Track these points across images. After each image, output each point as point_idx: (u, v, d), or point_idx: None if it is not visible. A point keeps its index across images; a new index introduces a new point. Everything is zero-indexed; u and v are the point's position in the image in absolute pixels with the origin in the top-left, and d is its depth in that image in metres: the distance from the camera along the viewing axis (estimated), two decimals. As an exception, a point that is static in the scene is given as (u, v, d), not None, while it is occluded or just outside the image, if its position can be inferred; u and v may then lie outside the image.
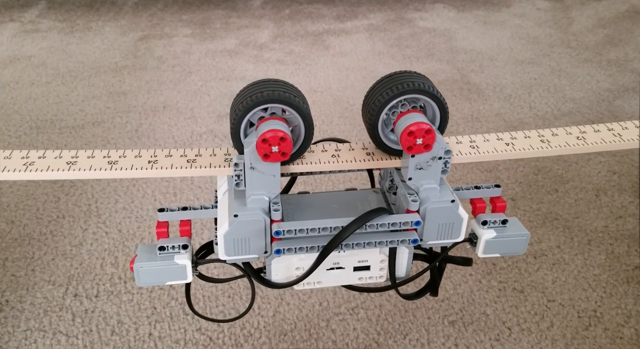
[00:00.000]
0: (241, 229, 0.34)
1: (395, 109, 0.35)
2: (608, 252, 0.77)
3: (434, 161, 0.35)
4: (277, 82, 0.35)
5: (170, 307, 0.69)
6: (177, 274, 0.36)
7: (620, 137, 0.42)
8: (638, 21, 1.57)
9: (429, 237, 0.36)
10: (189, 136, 1.06)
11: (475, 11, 1.68)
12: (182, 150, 0.39)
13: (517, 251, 0.38)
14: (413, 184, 0.35)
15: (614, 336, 0.65)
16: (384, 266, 0.37)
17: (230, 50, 1.44)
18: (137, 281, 0.35)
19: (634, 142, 0.41)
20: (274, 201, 0.34)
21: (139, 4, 1.76)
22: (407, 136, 0.33)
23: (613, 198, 0.88)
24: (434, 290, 0.41)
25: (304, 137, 0.35)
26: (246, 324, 0.67)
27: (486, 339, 0.65)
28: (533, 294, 0.71)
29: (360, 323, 0.68)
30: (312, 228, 0.33)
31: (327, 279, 0.37)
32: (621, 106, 1.15)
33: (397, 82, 0.34)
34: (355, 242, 0.34)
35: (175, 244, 0.36)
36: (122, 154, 0.39)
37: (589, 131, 0.42)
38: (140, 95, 1.22)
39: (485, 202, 0.39)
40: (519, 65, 1.33)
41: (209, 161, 0.37)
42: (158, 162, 0.38)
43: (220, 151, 0.38)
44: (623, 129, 0.42)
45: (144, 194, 0.89)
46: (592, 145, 0.40)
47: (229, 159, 0.37)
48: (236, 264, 0.37)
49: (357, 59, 1.39)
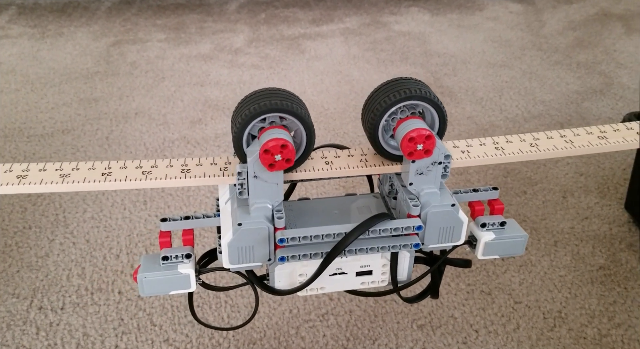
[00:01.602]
0: (245, 237, 0.34)
1: (395, 115, 0.36)
2: (574, 253, 0.78)
3: (434, 165, 0.35)
4: (276, 91, 0.36)
5: (138, 318, 0.68)
6: (180, 283, 0.36)
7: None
8: (607, 24, 1.60)
9: (430, 241, 0.36)
10: (161, 142, 1.05)
11: (449, 15, 1.69)
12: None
13: (516, 252, 0.39)
14: (414, 189, 0.36)
15: (578, 336, 0.66)
16: (386, 270, 0.37)
17: (205, 55, 1.43)
18: (141, 292, 0.36)
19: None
20: (277, 208, 0.35)
21: (113, 9, 1.74)
22: (407, 142, 0.34)
23: (579, 199, 0.89)
24: (434, 292, 0.41)
25: (306, 143, 0.35)
26: (215, 334, 0.67)
27: (454, 342, 0.66)
28: (500, 297, 0.72)
29: (330, 329, 0.68)
30: (316, 235, 0.34)
31: (330, 285, 0.38)
32: (589, 108, 1.17)
33: (396, 89, 0.35)
34: (358, 248, 0.35)
35: (178, 254, 0.36)
36: (75, 166, 0.39)
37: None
38: (111, 101, 1.20)
39: (484, 205, 0.40)
40: (491, 68, 1.35)
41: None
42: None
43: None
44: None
45: (113, 203, 0.88)
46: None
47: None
48: (240, 272, 0.37)
49: (332, 63, 1.40)
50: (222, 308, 0.70)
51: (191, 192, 0.91)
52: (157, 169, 0.38)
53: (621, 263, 0.77)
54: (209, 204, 0.89)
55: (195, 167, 0.39)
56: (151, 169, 0.38)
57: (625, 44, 1.47)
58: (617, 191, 0.91)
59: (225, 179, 0.38)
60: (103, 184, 0.37)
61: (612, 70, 1.33)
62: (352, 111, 1.17)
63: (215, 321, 0.68)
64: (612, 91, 1.24)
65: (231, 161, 0.39)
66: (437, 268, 0.40)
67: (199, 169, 0.38)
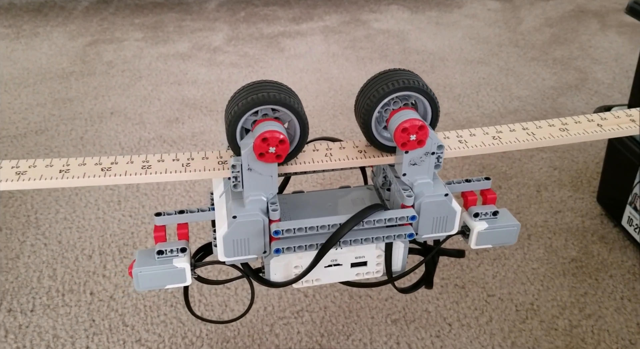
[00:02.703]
0: (240, 230, 0.34)
1: (388, 106, 0.36)
2: (547, 246, 0.79)
3: (427, 156, 0.36)
4: (270, 84, 0.35)
5: (110, 319, 0.68)
6: (176, 277, 0.36)
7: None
8: (583, 20, 1.62)
9: (424, 231, 0.37)
10: (137, 142, 1.04)
11: (429, 12, 1.70)
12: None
13: (509, 241, 0.40)
14: (407, 179, 0.36)
15: (549, 328, 0.67)
16: (381, 261, 0.37)
17: (183, 53, 1.42)
18: (136, 286, 0.35)
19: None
20: (271, 201, 0.35)
21: (90, 9, 1.72)
22: (400, 132, 0.34)
23: (553, 193, 0.90)
24: (429, 283, 0.42)
25: (300, 136, 0.35)
26: (188, 333, 0.66)
27: (427, 336, 0.66)
28: (474, 290, 0.72)
29: (304, 326, 0.68)
30: (311, 227, 0.34)
31: (325, 277, 0.38)
32: (564, 103, 1.19)
33: (388, 80, 0.35)
34: (353, 239, 0.35)
35: (173, 248, 0.36)
36: (33, 164, 0.38)
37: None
38: (87, 101, 1.19)
39: (476, 195, 0.40)
40: (469, 65, 1.36)
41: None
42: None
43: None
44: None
45: (87, 204, 0.87)
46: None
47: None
48: (235, 265, 0.37)
49: (312, 61, 1.40)
50: (214, 302, 0.70)
51: (166, 191, 0.91)
52: (117, 165, 0.38)
53: (593, 255, 0.78)
54: (185, 203, 0.88)
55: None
56: (111, 166, 0.38)
57: (600, 40, 1.49)
58: (590, 184, 0.92)
59: (218, 173, 0.37)
60: (61, 181, 0.37)
61: (587, 65, 1.35)
62: (331, 108, 1.17)
63: (207, 316, 0.68)
64: (587, 86, 1.26)
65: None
66: (431, 258, 0.40)
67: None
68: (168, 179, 0.39)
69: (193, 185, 0.92)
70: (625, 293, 0.72)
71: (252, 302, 0.40)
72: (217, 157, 0.39)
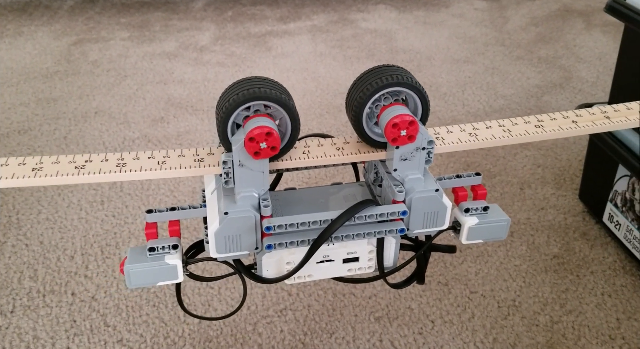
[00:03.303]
0: (232, 226, 0.34)
1: (379, 102, 0.36)
2: (529, 243, 0.80)
3: (418, 151, 0.36)
4: (259, 80, 0.35)
5: (91, 319, 0.67)
6: (168, 274, 0.35)
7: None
8: (568, 19, 1.64)
9: (415, 226, 0.37)
10: (121, 141, 1.04)
11: (416, 12, 1.71)
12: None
13: (499, 236, 0.40)
14: (398, 175, 0.36)
15: (530, 324, 0.67)
16: (372, 256, 0.38)
17: (169, 53, 1.42)
18: (128, 283, 0.35)
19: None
20: (263, 197, 0.35)
21: (75, 8, 1.71)
22: (391, 128, 0.34)
23: (536, 191, 0.91)
24: (420, 278, 0.42)
25: (291, 132, 0.35)
26: (170, 333, 0.66)
27: (410, 333, 0.66)
28: (457, 287, 0.72)
29: (287, 324, 0.68)
30: (303, 222, 0.34)
31: (318, 272, 0.38)
32: (549, 102, 1.19)
33: (379, 76, 0.35)
34: (345, 234, 0.35)
35: (165, 245, 0.36)
36: (6, 162, 0.38)
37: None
38: (71, 101, 1.18)
39: (467, 190, 0.40)
40: (455, 64, 1.36)
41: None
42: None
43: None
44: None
45: (69, 204, 0.86)
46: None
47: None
48: (227, 262, 0.37)
49: (299, 60, 1.40)
50: (197, 301, 0.69)
51: (150, 191, 0.90)
52: (88, 162, 0.38)
53: (574, 251, 0.78)
54: (169, 202, 0.88)
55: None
56: (85, 164, 0.38)
57: (585, 39, 1.50)
58: (573, 181, 0.93)
59: (203, 170, 0.37)
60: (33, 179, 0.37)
61: (572, 64, 1.36)
62: (318, 107, 1.17)
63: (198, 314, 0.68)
64: (572, 84, 1.27)
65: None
66: (422, 254, 0.40)
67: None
68: (142, 177, 0.38)
69: (177, 184, 0.92)
70: (605, 288, 0.72)
71: (245, 298, 0.40)
72: (193, 155, 0.39)
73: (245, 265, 0.38)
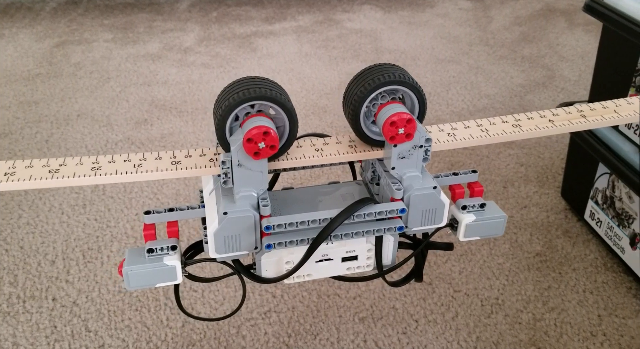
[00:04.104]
0: (231, 226, 0.34)
1: (376, 101, 0.36)
2: (512, 241, 0.80)
3: (416, 149, 0.36)
4: (257, 80, 0.35)
5: (72, 325, 0.66)
6: (166, 275, 0.35)
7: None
8: (551, 19, 1.65)
9: (414, 224, 0.37)
10: (104, 144, 1.03)
11: (401, 12, 1.71)
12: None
13: (496, 232, 0.40)
14: (396, 173, 0.37)
15: (513, 322, 0.68)
16: (371, 255, 0.38)
17: (153, 54, 1.40)
18: (127, 285, 0.35)
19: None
20: (262, 196, 0.35)
21: (58, 10, 1.69)
22: (389, 126, 0.34)
23: (519, 189, 0.92)
24: (418, 276, 0.42)
25: (289, 131, 0.35)
26: (153, 337, 0.65)
27: (394, 333, 0.67)
28: (441, 286, 0.73)
29: (271, 326, 0.67)
30: (302, 221, 0.34)
31: (317, 271, 0.38)
32: (532, 100, 1.20)
33: (375, 74, 0.36)
34: (344, 233, 0.35)
35: (163, 246, 0.35)
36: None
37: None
38: (53, 104, 1.16)
39: (464, 188, 0.41)
40: (440, 64, 1.37)
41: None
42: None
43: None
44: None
45: (51, 208, 0.85)
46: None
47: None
48: (226, 262, 0.37)
49: (284, 61, 1.39)
50: (186, 303, 0.69)
51: (133, 194, 0.89)
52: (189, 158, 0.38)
53: (557, 249, 0.79)
54: (152, 205, 0.87)
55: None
56: (59, 168, 0.37)
57: (567, 38, 1.52)
58: (556, 179, 0.94)
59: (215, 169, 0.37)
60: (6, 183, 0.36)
61: (554, 63, 1.37)
62: (303, 108, 1.17)
63: (173, 320, 0.67)
64: (554, 83, 1.28)
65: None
66: (420, 252, 0.40)
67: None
68: (118, 181, 0.38)
69: (161, 187, 0.91)
70: (587, 285, 0.73)
71: (244, 299, 0.40)
72: (170, 157, 0.38)
73: (244, 265, 0.38)
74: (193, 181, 0.92)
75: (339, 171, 0.93)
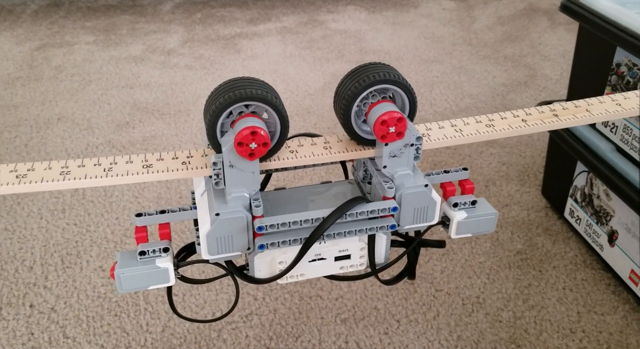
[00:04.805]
0: (223, 227, 0.34)
1: (366, 100, 0.36)
2: (493, 240, 0.81)
3: (407, 148, 0.36)
4: (249, 80, 0.35)
5: (50, 331, 0.65)
6: (159, 277, 0.35)
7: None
8: (534, 18, 1.67)
9: (406, 222, 0.37)
10: (84, 148, 1.02)
11: (385, 12, 1.72)
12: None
13: (487, 229, 0.40)
14: (388, 171, 0.37)
15: (494, 320, 0.68)
16: (364, 253, 0.38)
17: (136, 56, 1.39)
18: (119, 288, 0.35)
19: None
20: (254, 197, 0.35)
21: (39, 12, 1.67)
22: (380, 125, 0.35)
23: (501, 188, 0.92)
24: (411, 273, 0.42)
25: (280, 131, 0.35)
26: (132, 343, 0.65)
27: (375, 333, 0.66)
28: (422, 286, 0.73)
29: (252, 329, 0.67)
30: (294, 221, 0.34)
31: (310, 271, 0.38)
32: (514, 99, 1.21)
33: (366, 73, 0.36)
34: (337, 232, 0.35)
35: (155, 248, 0.35)
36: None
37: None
38: (33, 107, 1.15)
39: (455, 185, 0.41)
40: (423, 64, 1.38)
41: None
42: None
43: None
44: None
45: (29, 213, 0.84)
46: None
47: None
48: (219, 263, 0.37)
49: (268, 62, 1.39)
50: (160, 310, 0.68)
51: (114, 198, 0.88)
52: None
53: (537, 247, 0.80)
54: (133, 209, 0.86)
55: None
56: (27, 173, 0.37)
57: (549, 37, 1.53)
58: (537, 178, 0.94)
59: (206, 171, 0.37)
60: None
61: (536, 62, 1.38)
62: (287, 109, 1.16)
63: (153, 325, 0.66)
64: (536, 82, 1.29)
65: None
66: (412, 250, 0.41)
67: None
68: (87, 185, 0.38)
69: (142, 191, 0.90)
70: (567, 283, 0.74)
71: (237, 300, 0.40)
72: (142, 160, 0.38)
73: (237, 266, 0.38)
74: (175, 184, 0.92)
75: (330, 171, 0.93)
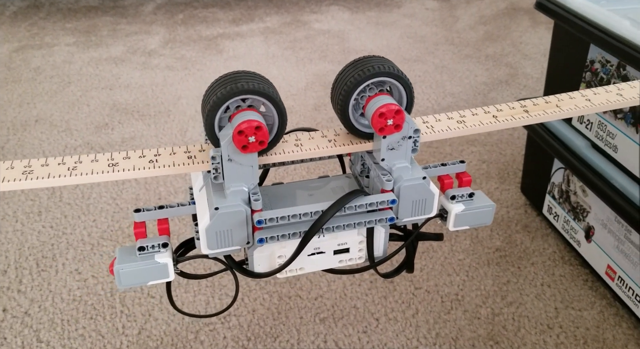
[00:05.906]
0: (223, 221, 0.34)
1: (364, 93, 0.36)
2: (472, 237, 0.81)
3: (404, 140, 0.36)
4: (246, 74, 0.35)
5: (23, 336, 0.64)
6: (158, 273, 0.35)
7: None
8: (515, 17, 1.68)
9: (404, 214, 0.37)
10: (62, 150, 1.00)
11: (368, 12, 1.72)
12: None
13: (485, 221, 0.40)
14: (386, 164, 0.37)
15: (472, 317, 0.68)
16: (363, 247, 0.38)
17: (116, 57, 1.38)
18: (118, 284, 0.34)
19: None
20: (253, 191, 0.34)
21: (18, 14, 1.65)
22: (377, 117, 0.35)
23: (481, 186, 0.92)
24: (409, 267, 0.42)
25: (278, 126, 0.35)
26: (107, 346, 0.64)
27: (354, 332, 0.66)
28: (402, 284, 0.73)
29: (230, 330, 0.66)
30: (294, 215, 0.34)
31: (309, 265, 0.38)
32: (495, 98, 1.22)
33: (362, 66, 0.36)
34: (336, 225, 0.35)
35: (154, 244, 0.35)
36: None
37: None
38: (10, 109, 1.13)
39: (452, 178, 0.41)
40: (406, 64, 1.38)
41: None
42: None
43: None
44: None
45: (4, 216, 0.83)
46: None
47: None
48: (218, 258, 0.36)
49: (251, 62, 1.38)
50: (137, 311, 0.67)
51: (91, 200, 0.87)
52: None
53: (516, 244, 0.80)
54: (110, 210, 0.85)
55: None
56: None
57: (530, 36, 1.54)
58: (516, 175, 0.95)
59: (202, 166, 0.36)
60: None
61: (517, 61, 1.40)
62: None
63: (133, 324, 0.65)
64: (517, 80, 1.30)
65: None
66: (411, 243, 0.41)
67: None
68: (51, 184, 0.37)
69: (120, 192, 0.89)
70: (545, 279, 0.74)
71: (237, 295, 0.40)
72: (107, 159, 0.38)
73: (236, 261, 0.38)
74: (153, 186, 0.91)
75: (328, 165, 0.93)
